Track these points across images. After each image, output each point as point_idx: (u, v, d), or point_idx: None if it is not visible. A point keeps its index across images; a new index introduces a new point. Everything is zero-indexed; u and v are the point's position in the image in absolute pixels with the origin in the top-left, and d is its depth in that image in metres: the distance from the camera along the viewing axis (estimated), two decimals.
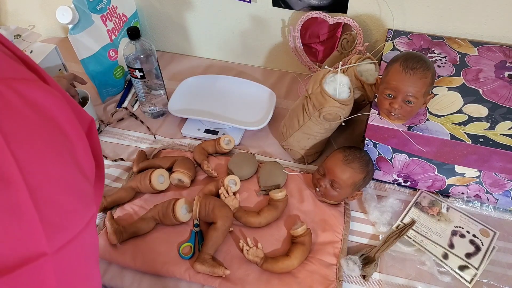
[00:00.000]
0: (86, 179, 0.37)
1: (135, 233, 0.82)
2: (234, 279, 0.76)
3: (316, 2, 1.05)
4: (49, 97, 0.35)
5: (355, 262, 0.77)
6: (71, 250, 0.34)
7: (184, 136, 1.06)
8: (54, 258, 0.32)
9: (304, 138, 0.91)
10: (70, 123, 0.36)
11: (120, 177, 0.97)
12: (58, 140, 0.34)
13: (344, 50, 1.09)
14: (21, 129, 0.31)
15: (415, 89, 0.73)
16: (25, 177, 0.30)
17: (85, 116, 0.44)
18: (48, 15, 1.37)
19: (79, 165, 0.36)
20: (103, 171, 0.50)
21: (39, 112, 0.33)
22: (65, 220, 0.34)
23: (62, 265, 0.34)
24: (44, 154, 0.32)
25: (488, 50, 0.94)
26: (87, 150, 0.39)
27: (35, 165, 0.31)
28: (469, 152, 0.76)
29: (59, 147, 0.34)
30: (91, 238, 0.38)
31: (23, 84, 0.33)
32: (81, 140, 0.38)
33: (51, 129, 0.34)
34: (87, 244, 0.37)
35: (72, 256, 0.35)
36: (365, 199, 0.88)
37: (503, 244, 0.81)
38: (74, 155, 0.36)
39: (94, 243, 0.40)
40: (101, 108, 1.14)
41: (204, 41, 1.28)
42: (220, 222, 0.79)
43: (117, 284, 0.77)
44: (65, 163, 0.34)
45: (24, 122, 0.32)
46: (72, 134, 0.36)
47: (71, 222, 0.34)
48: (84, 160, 0.38)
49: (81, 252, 0.36)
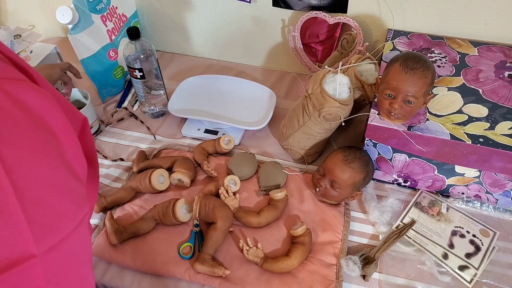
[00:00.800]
0: (76, 179, 0.37)
1: (135, 233, 0.82)
2: (234, 279, 0.76)
3: (316, 2, 1.05)
4: (38, 98, 0.34)
5: (355, 262, 0.77)
6: (61, 252, 0.34)
7: (184, 136, 1.06)
8: (43, 260, 0.32)
9: (304, 138, 0.91)
10: (59, 123, 0.36)
11: (120, 177, 0.97)
12: (47, 141, 0.34)
13: (344, 50, 1.09)
14: (8, 129, 0.31)
15: (415, 89, 0.73)
16: (12, 178, 0.29)
17: (78, 115, 0.43)
18: (48, 15, 1.37)
19: (69, 166, 0.36)
20: (98, 170, 0.49)
21: (27, 112, 0.33)
22: (55, 221, 0.33)
23: (52, 267, 0.33)
24: (32, 155, 0.32)
25: (488, 50, 0.94)
26: (78, 150, 0.38)
27: (22, 166, 0.31)
28: (469, 152, 0.76)
29: (47, 148, 0.34)
30: (82, 239, 0.38)
31: (11, 84, 0.33)
32: (71, 140, 0.37)
33: (39, 130, 0.34)
34: (79, 245, 0.37)
35: (62, 258, 0.35)
36: (365, 199, 0.88)
37: (503, 244, 0.81)
38: (63, 156, 0.35)
39: (86, 244, 0.40)
40: (101, 108, 1.14)
41: (204, 41, 1.28)
42: (220, 222, 0.79)
43: (117, 284, 0.77)
44: (54, 164, 0.34)
45: (11, 122, 0.31)
46: (61, 135, 0.36)
47: (61, 223, 0.34)
48: (74, 160, 0.37)
49: (72, 253, 0.36)
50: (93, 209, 0.84)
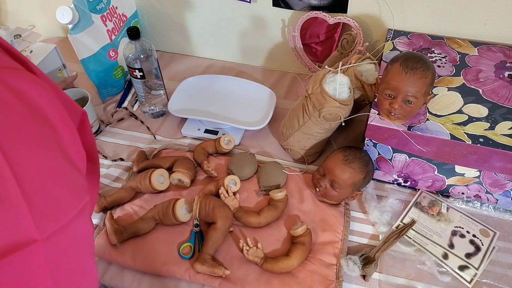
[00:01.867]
0: (75, 169, 0.37)
1: (135, 233, 0.82)
2: (234, 279, 0.76)
3: (316, 2, 1.05)
4: (36, 88, 0.34)
5: (355, 262, 0.77)
6: (62, 238, 0.34)
7: (184, 136, 1.06)
8: (45, 245, 0.32)
9: (304, 138, 0.91)
10: (57, 113, 0.36)
11: (120, 177, 0.97)
12: (45, 131, 0.34)
13: (344, 50, 1.09)
14: (8, 119, 0.31)
15: (415, 89, 0.73)
16: (13, 167, 0.30)
17: (77, 108, 0.43)
18: (48, 15, 1.37)
19: (68, 155, 0.36)
20: (98, 165, 0.49)
21: (26, 102, 0.33)
22: (54, 209, 0.33)
23: (54, 253, 0.34)
24: (31, 144, 0.32)
25: (488, 50, 0.94)
26: (76, 142, 0.38)
27: (23, 156, 0.31)
28: (469, 152, 0.76)
29: (46, 138, 0.34)
30: (84, 228, 0.38)
31: (9, 74, 0.33)
32: (69, 131, 0.37)
33: (38, 120, 0.34)
34: (80, 232, 0.37)
35: (64, 244, 0.35)
36: (365, 199, 0.88)
37: (503, 244, 0.81)
38: (61, 146, 0.35)
39: (88, 232, 0.40)
40: (101, 108, 1.14)
41: (204, 41, 1.28)
42: (220, 222, 0.79)
43: (117, 284, 0.77)
44: (53, 153, 0.34)
45: (11, 112, 0.31)
46: (59, 125, 0.36)
47: (60, 211, 0.34)
48: (73, 151, 0.37)
49: (74, 240, 0.36)
50: (95, 203, 0.84)
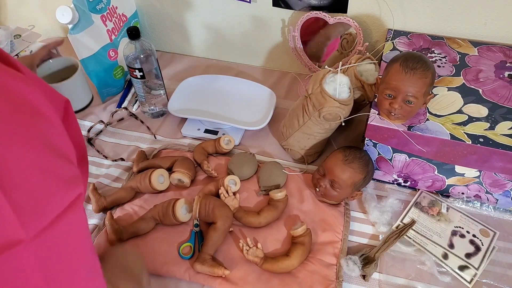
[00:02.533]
0: (65, 160, 0.36)
1: (135, 233, 0.82)
2: (234, 279, 0.76)
3: (316, 2, 1.05)
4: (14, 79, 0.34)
5: (355, 262, 0.77)
6: (53, 234, 0.33)
7: (184, 136, 1.06)
8: (33, 244, 0.31)
9: (304, 138, 0.91)
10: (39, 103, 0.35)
11: (120, 177, 0.97)
12: (30, 123, 0.33)
13: (344, 50, 1.09)
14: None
15: (415, 89, 0.73)
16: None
17: (59, 97, 0.42)
18: (48, 15, 1.37)
19: (56, 148, 0.35)
20: (85, 152, 0.48)
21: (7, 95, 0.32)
22: (41, 204, 0.32)
23: (45, 250, 0.32)
24: (13, 138, 0.31)
25: (488, 50, 0.94)
26: (62, 132, 0.37)
27: (2, 150, 0.30)
28: (469, 152, 0.76)
29: (30, 131, 0.33)
30: (77, 221, 0.36)
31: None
32: (53, 120, 0.36)
33: (22, 112, 0.33)
34: (73, 227, 0.35)
35: (56, 240, 0.33)
36: (365, 199, 0.88)
37: (503, 244, 0.81)
38: (49, 138, 0.34)
39: (82, 226, 0.38)
40: (101, 108, 1.14)
41: (204, 41, 1.28)
42: (220, 222, 0.79)
43: None
44: (34, 145, 0.33)
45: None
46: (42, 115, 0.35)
47: (47, 205, 0.33)
48: (60, 141, 0.36)
49: (67, 234, 0.35)
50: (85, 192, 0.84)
